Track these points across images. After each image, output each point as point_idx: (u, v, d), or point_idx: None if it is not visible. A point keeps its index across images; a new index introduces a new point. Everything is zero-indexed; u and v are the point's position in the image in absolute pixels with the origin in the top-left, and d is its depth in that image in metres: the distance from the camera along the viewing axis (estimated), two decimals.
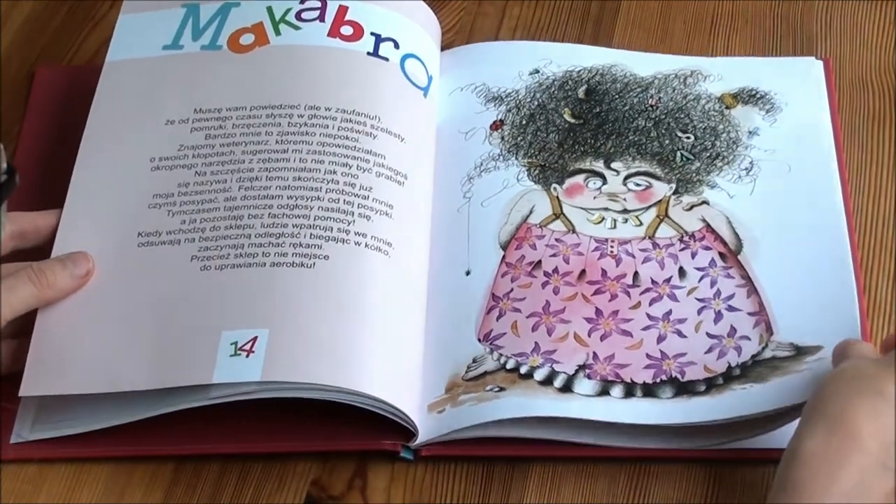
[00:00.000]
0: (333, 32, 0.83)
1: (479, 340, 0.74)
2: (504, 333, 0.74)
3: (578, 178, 0.81)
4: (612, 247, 0.77)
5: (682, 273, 0.76)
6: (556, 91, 0.85)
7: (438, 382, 0.73)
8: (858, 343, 0.68)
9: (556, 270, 0.77)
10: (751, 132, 0.82)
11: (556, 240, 0.78)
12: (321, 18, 0.83)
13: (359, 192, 0.76)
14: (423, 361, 0.73)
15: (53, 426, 0.72)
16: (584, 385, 0.71)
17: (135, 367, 0.70)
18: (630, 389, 0.71)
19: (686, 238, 0.77)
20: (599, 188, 0.80)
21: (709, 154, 0.81)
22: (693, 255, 0.77)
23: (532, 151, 0.82)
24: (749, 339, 0.72)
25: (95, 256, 0.74)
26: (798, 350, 0.71)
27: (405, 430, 0.71)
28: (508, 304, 0.75)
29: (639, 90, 0.84)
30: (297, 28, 0.83)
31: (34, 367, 0.71)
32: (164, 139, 0.79)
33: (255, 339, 0.70)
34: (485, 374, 0.72)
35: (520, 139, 0.83)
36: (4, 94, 0.89)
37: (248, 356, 0.69)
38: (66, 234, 0.76)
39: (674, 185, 0.80)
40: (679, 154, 0.81)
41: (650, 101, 0.84)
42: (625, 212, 0.79)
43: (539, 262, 0.77)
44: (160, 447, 0.72)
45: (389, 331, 0.72)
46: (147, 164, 0.78)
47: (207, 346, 0.70)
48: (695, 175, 0.80)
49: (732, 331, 0.73)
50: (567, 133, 0.83)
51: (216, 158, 0.78)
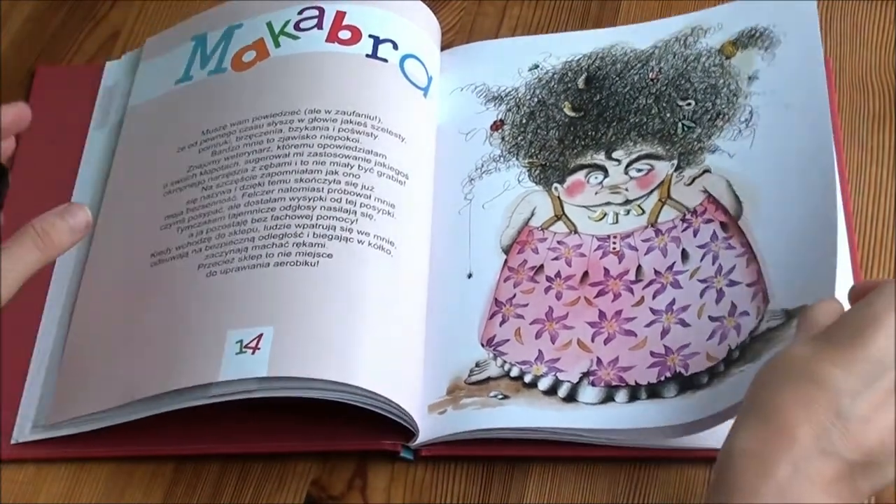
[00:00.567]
0: (331, 38, 0.83)
1: (483, 345, 0.74)
2: (507, 340, 0.74)
3: (579, 175, 0.80)
4: (615, 243, 0.77)
5: (685, 256, 0.75)
6: (556, 85, 0.85)
7: (440, 383, 0.73)
8: (818, 306, 0.63)
9: (559, 275, 0.76)
10: (751, 77, 0.81)
11: (558, 242, 0.78)
12: (319, 26, 0.83)
13: (360, 192, 0.76)
14: (424, 362, 0.73)
15: (54, 426, 0.73)
16: (589, 393, 0.71)
17: (146, 375, 0.71)
18: (635, 392, 0.71)
19: (688, 216, 0.77)
20: (601, 182, 0.80)
21: (709, 116, 0.80)
22: (695, 233, 0.76)
23: (533, 151, 0.82)
24: (748, 315, 0.71)
25: (115, 283, 0.76)
26: (788, 315, 0.70)
27: (405, 431, 0.71)
28: (511, 310, 0.75)
29: (639, 66, 0.84)
30: (296, 38, 0.83)
31: (62, 395, 0.73)
32: (176, 165, 0.80)
33: (261, 337, 0.70)
34: (488, 380, 0.72)
35: (520, 139, 0.83)
36: (4, 94, 0.89)
37: (254, 353, 0.69)
38: (91, 269, 0.78)
39: (675, 161, 0.79)
40: (680, 125, 0.81)
41: (650, 76, 0.84)
42: (626, 203, 0.79)
43: (541, 267, 0.77)
44: (160, 447, 0.72)
45: (391, 328, 0.72)
46: (161, 191, 0.79)
47: (214, 346, 0.70)
48: (696, 143, 0.80)
49: (733, 308, 0.72)
50: (567, 128, 0.83)
51: (221, 172, 0.78)
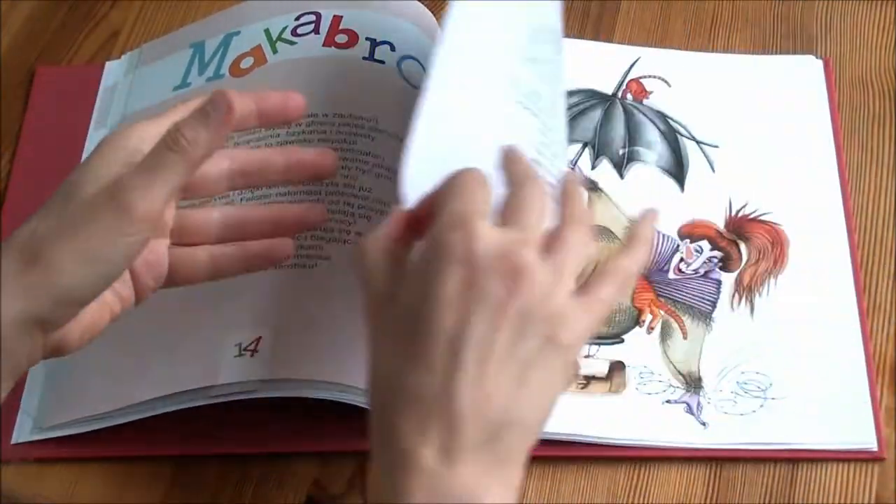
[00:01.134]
0: (328, 42, 0.82)
1: None
2: None
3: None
4: None
5: None
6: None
7: None
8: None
9: None
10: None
11: None
12: (316, 31, 0.83)
13: (358, 193, 0.76)
14: None
15: (53, 427, 0.72)
16: None
17: (145, 379, 0.71)
18: None
19: None
20: None
21: None
22: None
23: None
24: None
25: None
26: None
27: None
28: None
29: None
30: (293, 43, 0.83)
31: (53, 398, 0.73)
32: None
33: (259, 339, 0.70)
34: None
35: None
36: (4, 94, 0.89)
37: (252, 356, 0.70)
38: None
39: None
40: None
41: None
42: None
43: None
44: (160, 447, 0.72)
45: None
46: None
47: (212, 348, 0.70)
48: None
49: None
50: None
51: None
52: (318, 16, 0.84)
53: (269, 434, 0.72)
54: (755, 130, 0.83)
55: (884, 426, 0.72)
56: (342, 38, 0.83)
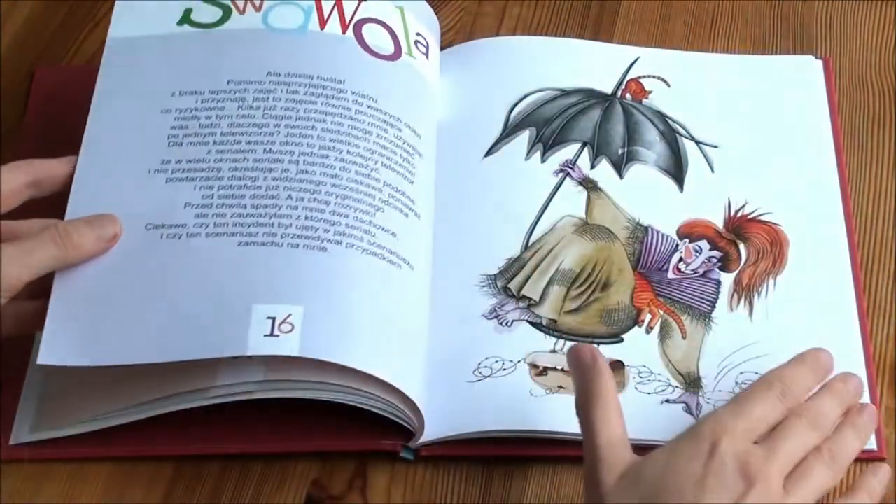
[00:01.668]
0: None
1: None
2: None
3: None
4: None
5: None
6: None
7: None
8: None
9: None
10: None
11: None
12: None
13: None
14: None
15: (53, 428, 0.72)
16: None
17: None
18: None
19: None
20: None
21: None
22: None
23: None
24: None
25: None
26: None
27: (405, 430, 0.71)
28: None
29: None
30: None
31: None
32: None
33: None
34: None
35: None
36: (4, 94, 0.89)
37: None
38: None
39: None
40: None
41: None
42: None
43: None
44: (160, 447, 0.72)
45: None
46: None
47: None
48: None
49: None
50: None
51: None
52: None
53: (269, 434, 0.72)
54: (755, 131, 0.83)
55: (883, 426, 0.72)
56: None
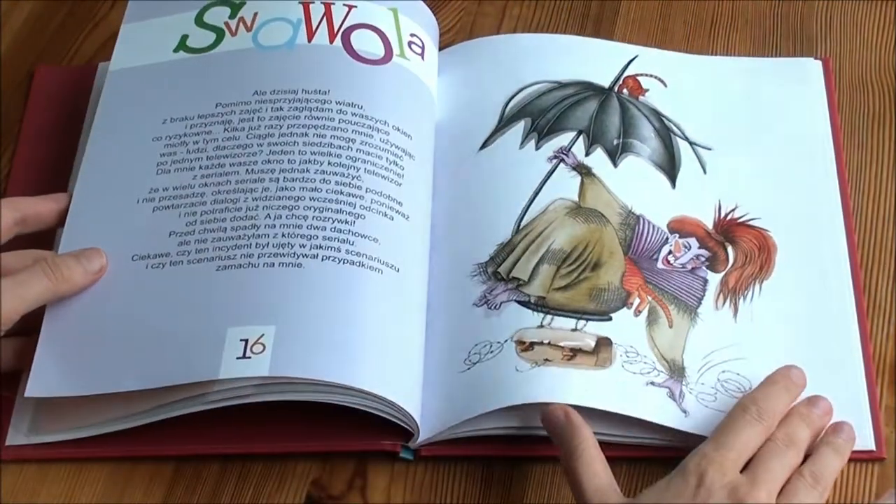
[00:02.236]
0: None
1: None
2: None
3: None
4: None
5: None
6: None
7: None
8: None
9: None
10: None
11: None
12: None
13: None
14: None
15: (50, 432, 0.72)
16: None
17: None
18: None
19: None
20: None
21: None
22: None
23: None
24: None
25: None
26: None
27: (405, 430, 0.71)
28: None
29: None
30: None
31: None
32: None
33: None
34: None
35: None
36: (4, 94, 0.89)
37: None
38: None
39: None
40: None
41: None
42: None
43: None
44: (160, 447, 0.72)
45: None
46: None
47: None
48: None
49: None
50: None
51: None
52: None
53: (269, 434, 0.72)
54: (751, 134, 0.83)
55: (883, 426, 0.72)
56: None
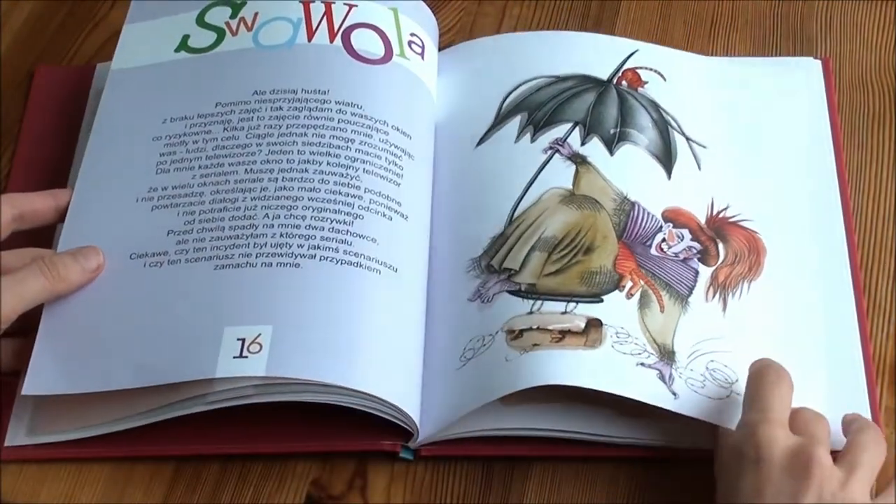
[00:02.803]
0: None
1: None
2: None
3: None
4: None
5: None
6: None
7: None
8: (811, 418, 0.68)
9: None
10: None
11: None
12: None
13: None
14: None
15: (49, 433, 0.72)
16: None
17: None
18: None
19: None
20: None
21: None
22: None
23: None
24: None
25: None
26: None
27: (405, 431, 0.71)
28: None
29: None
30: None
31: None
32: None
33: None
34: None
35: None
36: (4, 94, 0.89)
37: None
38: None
39: None
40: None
41: None
42: None
43: None
44: (160, 447, 0.72)
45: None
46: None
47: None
48: None
49: None
50: None
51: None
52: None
53: (269, 434, 0.72)
54: (749, 134, 0.83)
55: (883, 426, 0.72)
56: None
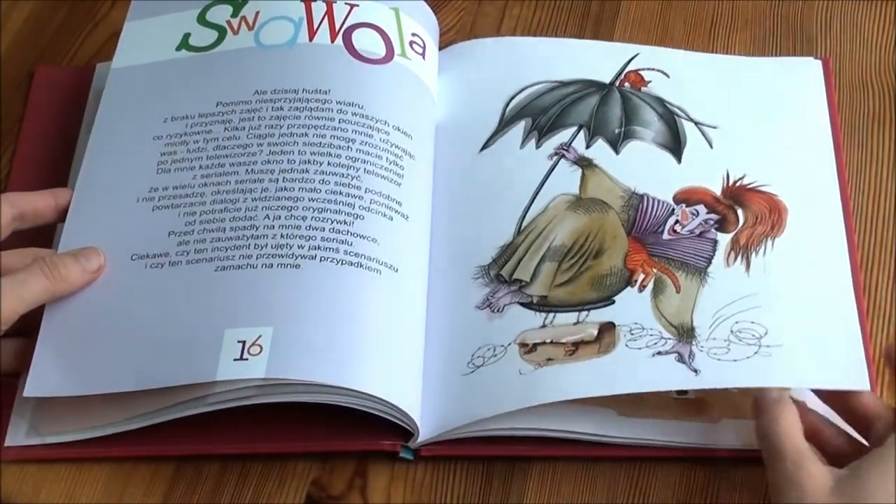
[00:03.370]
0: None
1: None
2: None
3: None
4: None
5: None
6: None
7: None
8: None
9: None
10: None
11: None
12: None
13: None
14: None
15: (49, 434, 0.72)
16: None
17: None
18: None
19: None
20: None
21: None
22: None
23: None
24: None
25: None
26: None
27: (405, 431, 0.71)
28: None
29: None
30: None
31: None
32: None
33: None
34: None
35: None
36: (4, 94, 0.89)
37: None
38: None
39: None
40: None
41: None
42: None
43: None
44: (160, 447, 0.72)
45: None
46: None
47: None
48: None
49: None
50: None
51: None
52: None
53: (269, 434, 0.72)
54: (755, 123, 0.83)
55: None
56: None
